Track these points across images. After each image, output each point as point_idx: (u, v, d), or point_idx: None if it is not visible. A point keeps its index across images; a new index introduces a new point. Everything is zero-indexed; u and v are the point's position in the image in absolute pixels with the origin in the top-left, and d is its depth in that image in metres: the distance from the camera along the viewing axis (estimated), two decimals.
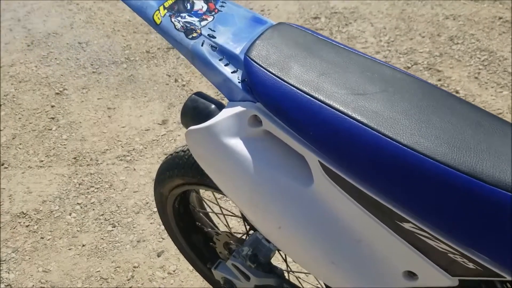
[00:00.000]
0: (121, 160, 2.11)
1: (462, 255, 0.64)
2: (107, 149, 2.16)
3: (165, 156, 1.14)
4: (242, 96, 0.76)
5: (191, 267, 1.67)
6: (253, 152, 0.76)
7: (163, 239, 1.78)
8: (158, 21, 0.81)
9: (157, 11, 0.82)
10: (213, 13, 0.82)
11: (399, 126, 0.66)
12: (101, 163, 2.10)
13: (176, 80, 2.49)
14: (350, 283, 0.77)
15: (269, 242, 1.09)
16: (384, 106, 0.68)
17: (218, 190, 1.05)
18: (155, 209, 1.88)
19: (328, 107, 0.68)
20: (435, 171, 0.62)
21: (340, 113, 0.68)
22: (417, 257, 0.69)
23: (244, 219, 1.14)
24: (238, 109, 0.76)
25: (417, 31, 2.58)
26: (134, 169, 2.07)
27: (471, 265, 0.65)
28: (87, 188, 1.99)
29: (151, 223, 1.85)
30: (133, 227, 1.83)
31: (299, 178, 0.75)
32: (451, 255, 0.66)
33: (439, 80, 2.27)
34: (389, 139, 0.64)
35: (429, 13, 2.68)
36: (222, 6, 0.83)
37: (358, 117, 0.67)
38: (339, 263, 0.76)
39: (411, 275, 0.73)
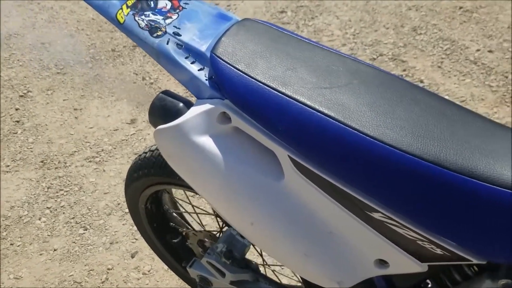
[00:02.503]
0: (90, 161, 2.07)
1: (430, 241, 0.66)
2: (75, 151, 2.12)
3: (135, 156, 1.14)
4: (210, 94, 0.76)
5: (166, 267, 1.66)
6: (223, 149, 0.76)
7: (136, 239, 1.77)
8: (121, 20, 0.80)
9: (120, 10, 0.81)
10: (177, 10, 0.81)
11: (365, 118, 0.67)
12: (69, 166, 2.06)
13: (143, 78, 2.46)
14: (324, 274, 0.78)
15: (243, 237, 1.09)
16: (350, 98, 0.69)
17: (190, 189, 1.04)
18: (127, 210, 1.86)
19: (296, 102, 0.69)
20: (401, 161, 0.63)
21: (307, 107, 0.68)
22: (387, 245, 0.71)
23: (218, 216, 1.14)
24: (207, 106, 0.76)
25: (381, 23, 2.62)
26: (104, 170, 2.04)
27: (439, 251, 0.67)
28: (56, 192, 1.95)
29: (123, 224, 1.82)
30: (105, 229, 1.81)
31: (270, 173, 0.76)
32: (420, 242, 0.68)
33: (404, 70, 2.32)
34: (356, 131, 0.66)
35: (392, 5, 2.72)
36: (186, 3, 0.82)
37: (325, 111, 0.68)
38: (312, 255, 0.77)
39: (382, 263, 0.75)
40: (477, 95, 2.14)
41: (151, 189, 1.15)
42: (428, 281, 0.87)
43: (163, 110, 0.81)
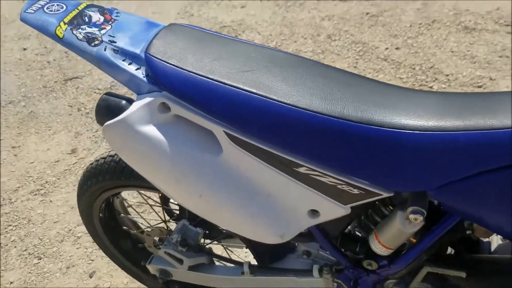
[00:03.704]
0: (35, 194, 2.09)
1: (347, 184, 0.81)
2: (19, 187, 2.13)
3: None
4: (149, 88, 0.87)
5: (125, 281, 1.71)
6: (167, 135, 0.88)
7: (92, 260, 1.81)
8: (61, 35, 0.90)
9: (59, 27, 0.90)
10: (110, 22, 0.92)
11: (281, 90, 0.81)
12: (15, 201, 2.06)
13: (79, 109, 2.50)
14: (268, 231, 0.90)
15: (195, 226, 1.19)
16: (268, 77, 0.83)
17: (139, 186, 1.14)
18: (79, 235, 1.90)
19: (224, 85, 0.82)
20: (314, 120, 0.78)
21: (234, 88, 0.82)
22: (315, 195, 0.85)
23: (167, 212, 1.24)
24: (147, 100, 0.87)
25: (299, 34, 2.84)
26: (51, 201, 2.06)
27: (355, 191, 0.82)
28: (5, 228, 1.95)
29: (77, 248, 1.86)
30: (60, 255, 1.83)
31: (210, 150, 0.88)
32: (340, 186, 0.82)
33: None
34: (275, 102, 0.79)
35: (307, 17, 2.95)
36: (117, 15, 0.94)
37: (249, 88, 0.81)
38: (256, 216, 0.89)
39: (314, 213, 0.88)
40: None
41: (103, 196, 1.22)
42: (356, 229, 1.01)
43: (108, 108, 0.91)
